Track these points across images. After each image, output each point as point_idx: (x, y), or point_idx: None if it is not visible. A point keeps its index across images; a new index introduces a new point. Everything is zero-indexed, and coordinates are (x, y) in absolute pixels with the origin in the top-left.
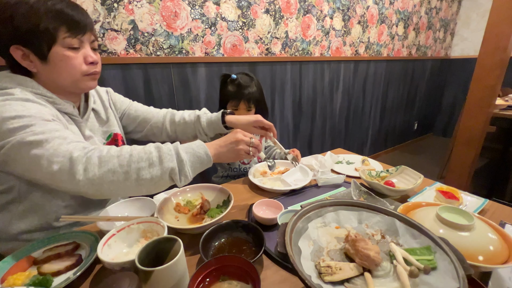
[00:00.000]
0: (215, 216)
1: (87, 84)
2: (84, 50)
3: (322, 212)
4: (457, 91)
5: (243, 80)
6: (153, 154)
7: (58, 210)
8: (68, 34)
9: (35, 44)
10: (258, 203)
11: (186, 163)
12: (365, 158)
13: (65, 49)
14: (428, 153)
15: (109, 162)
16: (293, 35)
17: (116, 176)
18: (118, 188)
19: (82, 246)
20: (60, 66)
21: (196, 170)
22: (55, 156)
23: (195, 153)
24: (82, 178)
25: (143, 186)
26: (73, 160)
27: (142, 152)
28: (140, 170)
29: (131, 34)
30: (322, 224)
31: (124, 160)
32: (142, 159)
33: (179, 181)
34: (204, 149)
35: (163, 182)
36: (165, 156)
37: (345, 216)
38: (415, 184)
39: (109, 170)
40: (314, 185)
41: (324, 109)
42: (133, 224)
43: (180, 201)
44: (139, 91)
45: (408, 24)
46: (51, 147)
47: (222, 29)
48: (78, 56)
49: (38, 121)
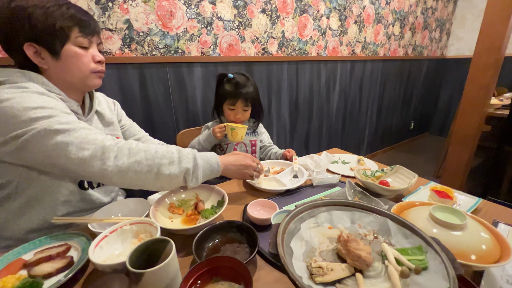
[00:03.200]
0: (209, 217)
1: (94, 81)
2: (92, 50)
3: (315, 212)
4: (453, 90)
5: (240, 80)
6: (175, 154)
7: (56, 206)
8: (80, 34)
9: (49, 42)
10: (252, 204)
11: (200, 167)
12: (361, 158)
13: (76, 47)
14: (424, 153)
15: (137, 154)
16: (290, 34)
17: (141, 167)
18: (138, 178)
19: (74, 248)
20: (71, 62)
21: (206, 177)
22: (85, 143)
23: (208, 161)
24: (111, 164)
25: (160, 181)
26: (106, 147)
27: (166, 151)
28: (161, 166)
29: (126, 33)
30: (315, 225)
31: (149, 155)
32: (165, 156)
33: (190, 181)
34: (216, 160)
35: (177, 180)
36: (184, 157)
37: (338, 216)
38: (410, 183)
39: (136, 161)
40: (309, 185)
41: (321, 109)
42: (125, 225)
43: (174, 202)
44: (135, 91)
45: (404, 24)
46: (80, 136)
47: (218, 29)
48: (87, 54)
49: (60, 113)
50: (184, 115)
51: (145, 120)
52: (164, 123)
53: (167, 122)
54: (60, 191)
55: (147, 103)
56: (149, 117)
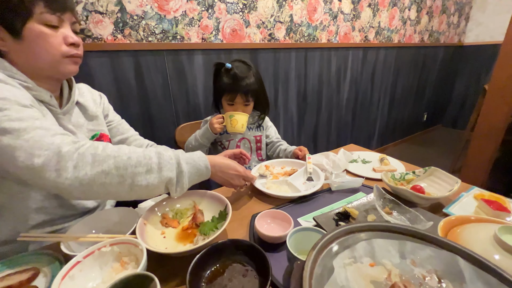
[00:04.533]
0: (208, 234)
1: (68, 67)
2: (64, 30)
3: (350, 241)
4: (470, 80)
5: (239, 70)
6: (153, 160)
7: (29, 214)
8: (46, 9)
9: (7, 19)
10: (261, 215)
11: (185, 174)
12: (384, 157)
13: (42, 25)
14: (438, 146)
15: (104, 162)
16: (298, 19)
17: (109, 178)
18: (108, 192)
19: (43, 274)
20: (36, 44)
21: (193, 182)
22: (36, 149)
23: (195, 165)
24: (70, 176)
25: (136, 192)
26: (62, 155)
27: (142, 156)
28: (136, 176)
29: (119, 17)
30: (351, 260)
31: (120, 162)
32: (141, 163)
33: (174, 191)
34: (205, 162)
35: (158, 190)
36: (165, 164)
37: (381, 247)
38: (452, 190)
39: (103, 172)
40: (327, 190)
41: (331, 100)
42: (104, 246)
43: (167, 213)
44: (130, 81)
45: (421, 7)
46: (31, 138)
47: (221, 12)
48: (57, 35)
49: (13, 106)
50: (184, 108)
51: (142, 113)
52: (162, 116)
53: (166, 115)
54: (31, 196)
55: (144, 95)
56: (147, 110)
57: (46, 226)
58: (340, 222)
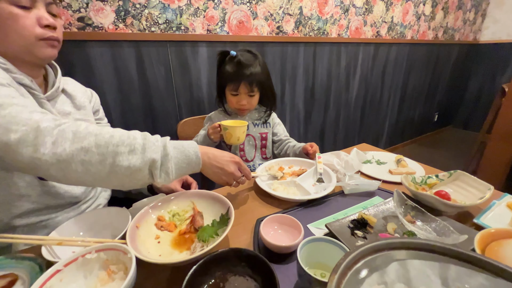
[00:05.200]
0: (208, 241)
1: (44, 51)
2: (37, 11)
3: (379, 261)
4: (484, 80)
5: (244, 58)
6: (137, 141)
7: (13, 202)
8: None
9: None
10: (267, 221)
11: (171, 159)
12: (401, 158)
13: (11, 6)
14: (448, 147)
15: (84, 139)
16: (308, 11)
17: (89, 156)
18: (87, 171)
19: (21, 281)
20: (7, 25)
21: (181, 170)
22: (13, 124)
23: (184, 151)
24: (47, 152)
25: (116, 175)
26: (40, 130)
27: (125, 135)
28: (118, 155)
29: (120, 5)
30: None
31: (102, 140)
32: (124, 143)
33: (158, 176)
34: (195, 149)
35: (140, 174)
36: (150, 145)
37: (418, 270)
38: (483, 197)
39: (83, 148)
40: (339, 193)
41: (339, 97)
42: (89, 253)
43: (163, 215)
44: (131, 73)
45: (437, 2)
46: (8, 114)
47: (227, 3)
48: (30, 16)
49: None
50: (187, 102)
51: (144, 107)
52: (164, 110)
53: (168, 109)
54: (14, 182)
55: (145, 87)
56: (148, 103)
57: (31, 216)
58: (356, 230)
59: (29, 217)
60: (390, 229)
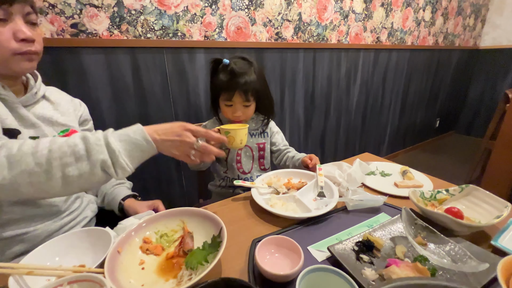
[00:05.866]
0: (196, 269)
1: (21, 65)
2: (13, 24)
3: None
4: (485, 85)
5: (237, 66)
6: (79, 147)
7: None
8: None
9: None
10: (264, 243)
11: (120, 154)
12: (406, 169)
13: None
14: (451, 154)
15: (21, 162)
16: (307, 17)
17: (35, 177)
18: (40, 189)
19: None
20: None
21: (137, 159)
22: None
23: (131, 140)
24: None
25: (72, 185)
26: None
27: (65, 145)
28: (65, 167)
29: (115, 11)
30: None
31: (42, 158)
32: (66, 154)
33: (115, 174)
34: (142, 134)
35: (96, 177)
36: (93, 147)
37: None
38: (501, 216)
39: (23, 171)
40: (342, 209)
41: (339, 103)
42: (61, 285)
43: (149, 237)
44: (127, 81)
45: (437, 8)
46: None
47: (225, 8)
48: (5, 30)
49: None
50: (184, 109)
51: (139, 114)
52: (161, 117)
53: (165, 117)
54: None
55: (141, 95)
56: (144, 111)
57: (7, 228)
58: (361, 254)
59: (5, 229)
60: (399, 253)
